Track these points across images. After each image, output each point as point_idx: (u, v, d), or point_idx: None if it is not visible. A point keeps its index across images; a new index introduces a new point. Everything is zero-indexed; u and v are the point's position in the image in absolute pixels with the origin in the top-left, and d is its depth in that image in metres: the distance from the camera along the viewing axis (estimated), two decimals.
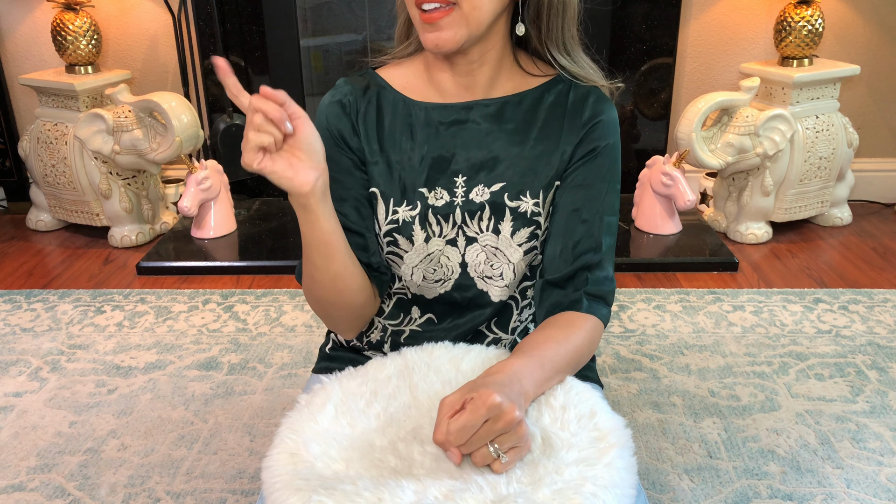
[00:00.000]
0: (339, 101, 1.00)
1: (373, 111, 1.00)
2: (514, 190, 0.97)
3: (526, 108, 0.99)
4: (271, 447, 0.82)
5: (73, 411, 1.72)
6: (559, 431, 0.82)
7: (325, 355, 1.15)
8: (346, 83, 1.02)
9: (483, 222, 0.98)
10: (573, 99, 0.98)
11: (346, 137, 0.99)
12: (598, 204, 0.97)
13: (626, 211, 2.68)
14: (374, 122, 1.00)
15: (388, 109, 1.00)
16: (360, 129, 0.99)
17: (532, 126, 0.98)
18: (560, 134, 0.98)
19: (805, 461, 1.52)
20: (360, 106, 1.00)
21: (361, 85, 1.01)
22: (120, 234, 2.60)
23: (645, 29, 2.65)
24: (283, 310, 2.16)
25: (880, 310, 2.10)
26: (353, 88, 1.01)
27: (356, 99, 1.00)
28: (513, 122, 0.98)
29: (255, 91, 0.80)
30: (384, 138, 1.00)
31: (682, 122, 2.40)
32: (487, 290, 1.01)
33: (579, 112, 0.97)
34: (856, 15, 2.70)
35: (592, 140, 0.97)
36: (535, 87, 0.99)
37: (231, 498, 1.45)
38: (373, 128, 0.99)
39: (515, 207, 0.97)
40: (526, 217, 0.97)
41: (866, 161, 2.89)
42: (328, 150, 0.97)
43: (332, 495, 0.73)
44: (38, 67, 2.83)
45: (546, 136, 0.98)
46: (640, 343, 1.96)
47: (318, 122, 1.00)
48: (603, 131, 0.97)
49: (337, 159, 0.98)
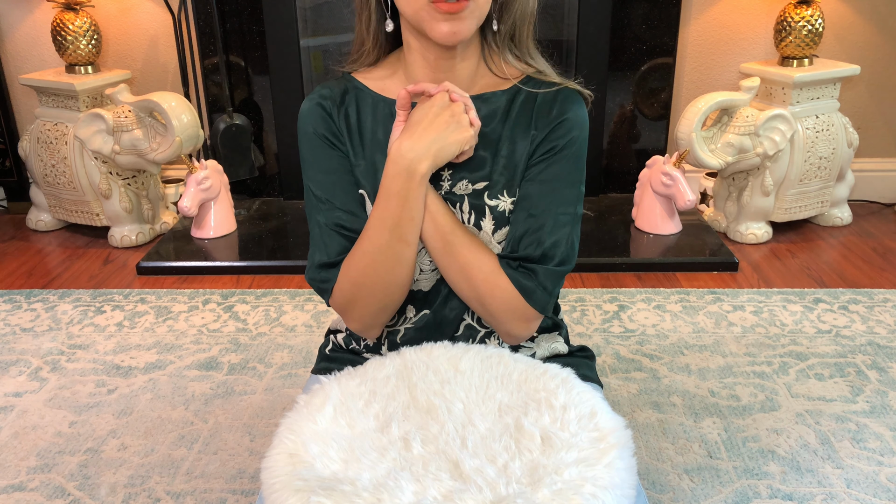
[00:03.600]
0: (318, 104, 1.00)
1: (353, 113, 1.01)
2: (493, 188, 0.98)
3: (500, 106, 1.00)
4: (270, 448, 0.82)
5: (73, 411, 1.72)
6: (559, 431, 0.82)
7: (325, 356, 1.15)
8: (324, 87, 1.02)
9: (464, 215, 0.99)
10: (542, 98, 0.99)
11: (332, 139, 1.00)
12: (550, 202, 0.97)
13: (626, 211, 2.69)
14: (356, 124, 1.00)
15: (368, 111, 1.01)
16: (343, 131, 1.00)
17: (506, 124, 0.99)
18: (530, 130, 0.99)
19: (805, 461, 1.52)
20: (340, 109, 1.00)
21: (339, 89, 1.02)
22: (120, 234, 2.60)
23: (645, 29, 2.65)
24: (283, 310, 2.16)
25: (880, 310, 2.10)
26: (330, 92, 1.01)
27: (334, 103, 1.01)
28: (489, 121, 0.99)
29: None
30: (366, 140, 1.00)
31: (682, 122, 2.39)
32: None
33: (548, 110, 0.98)
34: (856, 15, 2.70)
35: (555, 137, 0.97)
36: (507, 87, 1.00)
37: (231, 498, 1.45)
38: (354, 130, 1.00)
39: (495, 206, 0.98)
40: (504, 216, 0.98)
41: (866, 161, 2.89)
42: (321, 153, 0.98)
43: (331, 496, 0.73)
44: (38, 67, 2.83)
45: (518, 135, 0.99)
46: (640, 343, 1.96)
47: (303, 130, 1.01)
48: (567, 128, 0.97)
49: (331, 160, 0.99)
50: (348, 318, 1.02)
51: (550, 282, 0.97)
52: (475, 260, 0.95)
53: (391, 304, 1.00)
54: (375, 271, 0.96)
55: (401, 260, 0.96)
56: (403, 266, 0.96)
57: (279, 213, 2.75)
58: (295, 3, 2.62)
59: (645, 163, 2.54)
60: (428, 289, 1.03)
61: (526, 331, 1.00)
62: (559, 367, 0.95)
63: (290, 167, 2.83)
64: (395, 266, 0.96)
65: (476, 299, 0.98)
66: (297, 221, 2.69)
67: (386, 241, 0.94)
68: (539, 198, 0.97)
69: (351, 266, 0.98)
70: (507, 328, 0.99)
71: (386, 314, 1.01)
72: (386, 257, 0.95)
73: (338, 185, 0.99)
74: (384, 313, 1.01)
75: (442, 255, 0.96)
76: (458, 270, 0.96)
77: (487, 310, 0.98)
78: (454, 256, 0.96)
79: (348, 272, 0.98)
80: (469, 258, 0.95)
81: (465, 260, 0.95)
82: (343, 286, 0.98)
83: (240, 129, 2.72)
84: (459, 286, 0.98)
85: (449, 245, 0.95)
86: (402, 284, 0.98)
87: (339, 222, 0.99)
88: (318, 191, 1.00)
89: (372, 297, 0.98)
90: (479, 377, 0.92)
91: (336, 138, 1.00)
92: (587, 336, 1.99)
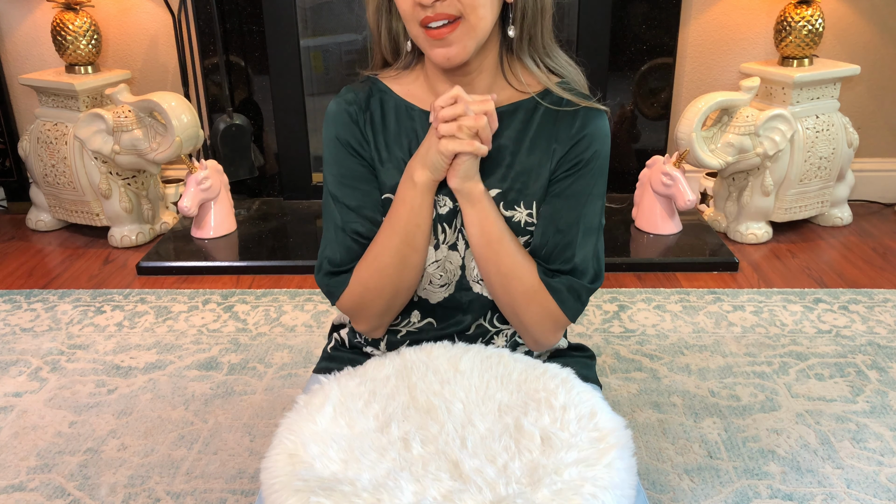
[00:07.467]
0: (344, 109, 1.00)
1: (378, 117, 1.01)
2: (509, 199, 0.98)
3: (520, 118, 0.99)
4: (270, 448, 0.82)
5: (73, 411, 1.72)
6: (559, 432, 0.82)
7: (327, 355, 1.15)
8: (350, 91, 1.03)
9: None
10: (563, 112, 0.99)
11: (356, 146, 1.00)
12: (579, 217, 0.97)
13: (626, 211, 2.68)
14: (381, 126, 1.01)
15: (392, 114, 1.01)
16: (368, 135, 1.00)
17: (525, 136, 0.99)
18: (551, 144, 0.98)
19: (805, 461, 1.52)
20: (365, 112, 1.01)
21: (364, 91, 1.02)
22: (120, 234, 2.60)
23: (645, 29, 2.65)
24: (283, 310, 2.16)
25: (880, 310, 2.10)
26: (356, 96, 1.01)
27: (361, 106, 1.01)
28: (509, 132, 0.99)
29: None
30: (390, 142, 1.01)
31: (682, 122, 2.39)
32: (482, 292, 1.03)
33: (569, 124, 0.98)
34: (856, 15, 2.70)
35: (579, 152, 0.97)
36: (527, 98, 1.00)
37: (231, 498, 1.45)
38: (380, 133, 1.01)
39: (510, 217, 0.98)
40: (520, 227, 0.99)
41: (866, 161, 2.89)
42: (343, 159, 0.99)
43: (331, 496, 0.73)
44: (38, 67, 2.83)
45: (538, 147, 0.99)
46: (640, 343, 1.96)
47: (328, 133, 1.01)
48: (589, 142, 0.97)
49: (351, 167, 1.00)
50: (356, 320, 1.03)
51: (585, 294, 0.99)
52: (517, 270, 0.96)
53: (396, 306, 1.02)
54: (385, 275, 0.97)
55: (409, 265, 0.97)
56: (411, 271, 0.98)
57: (279, 213, 2.75)
58: (295, 3, 2.62)
59: (645, 163, 2.54)
60: (435, 302, 1.04)
61: (555, 339, 1.02)
62: (559, 367, 0.96)
63: (290, 167, 2.83)
64: (404, 270, 0.97)
65: (511, 307, 0.99)
66: (297, 221, 2.69)
67: (395, 246, 0.96)
68: (567, 213, 0.97)
69: (361, 270, 0.99)
70: (538, 337, 1.01)
71: (391, 315, 1.03)
72: (395, 261, 0.96)
73: (357, 191, 1.00)
74: (389, 314, 1.02)
75: (486, 262, 0.97)
76: (498, 279, 0.97)
77: (520, 319, 0.99)
78: (497, 265, 0.96)
79: (359, 276, 0.99)
80: (511, 268, 0.96)
81: (508, 269, 0.96)
82: (353, 289, 1.00)
83: (240, 129, 2.72)
84: (497, 293, 0.99)
85: (494, 253, 0.96)
86: (409, 288, 1.00)
87: (355, 229, 1.00)
88: (337, 192, 1.00)
89: (380, 299, 0.99)
90: (479, 377, 0.92)
91: (360, 145, 1.00)
92: (587, 336, 1.99)
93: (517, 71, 0.99)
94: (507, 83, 1.00)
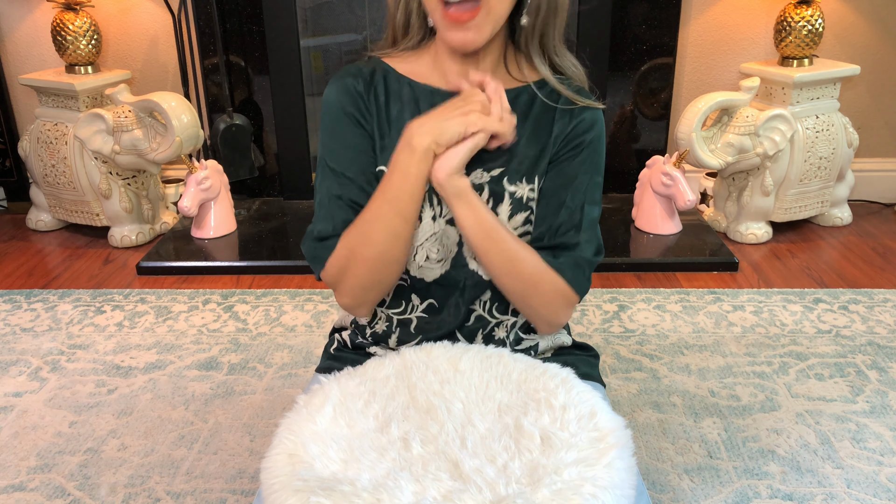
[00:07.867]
0: (344, 82, 1.02)
1: (381, 93, 1.02)
2: (512, 175, 1.00)
3: (523, 100, 1.02)
4: (270, 448, 0.82)
5: (73, 411, 1.72)
6: (559, 431, 0.82)
7: (329, 355, 1.16)
8: (352, 67, 1.04)
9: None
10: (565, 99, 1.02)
11: (359, 117, 1.01)
12: (580, 194, 1.00)
13: (626, 211, 2.68)
14: (384, 104, 1.02)
15: (395, 92, 1.03)
16: (372, 108, 1.02)
17: (528, 117, 1.02)
18: (552, 125, 1.01)
19: (805, 461, 1.52)
20: (368, 88, 1.02)
21: (368, 69, 1.04)
22: (120, 234, 2.60)
23: (645, 29, 2.65)
24: (283, 310, 2.16)
25: (880, 310, 2.10)
26: (358, 71, 1.03)
27: (366, 80, 1.02)
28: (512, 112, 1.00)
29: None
30: (392, 119, 1.02)
31: (682, 122, 2.39)
32: (478, 270, 1.03)
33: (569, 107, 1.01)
34: (856, 15, 2.70)
35: (578, 134, 1.00)
36: (525, 85, 1.03)
37: (231, 498, 1.45)
38: (382, 109, 1.02)
39: (513, 192, 1.00)
40: (522, 202, 1.00)
41: (866, 161, 2.89)
42: (346, 129, 1.00)
43: (331, 496, 0.73)
44: (38, 67, 2.83)
45: (539, 130, 1.01)
46: (640, 343, 1.96)
47: (329, 106, 1.02)
48: (590, 123, 1.01)
49: (355, 138, 1.01)
50: (339, 291, 1.02)
51: (589, 269, 1.01)
52: (520, 252, 0.98)
53: (383, 280, 1.00)
54: (371, 241, 0.97)
55: (397, 235, 0.97)
56: (399, 241, 0.97)
57: (279, 213, 2.75)
58: (295, 3, 2.62)
59: (645, 163, 2.54)
60: (431, 280, 1.04)
61: (566, 317, 1.04)
62: (559, 367, 0.96)
63: (290, 167, 2.83)
64: (391, 240, 0.97)
65: (520, 293, 1.00)
66: (297, 221, 2.69)
67: (385, 214, 0.96)
68: (568, 190, 1.00)
69: (350, 236, 0.99)
70: (550, 318, 1.02)
71: (376, 291, 1.02)
72: (383, 229, 0.96)
73: (356, 161, 1.00)
74: (375, 290, 1.01)
75: (488, 253, 0.98)
76: (504, 263, 0.98)
77: (530, 303, 1.00)
78: (500, 251, 0.97)
79: (346, 241, 0.99)
80: (515, 252, 0.98)
81: (513, 253, 0.97)
82: (339, 254, 0.99)
83: (240, 129, 2.72)
84: (502, 279, 1.00)
85: (494, 243, 0.97)
86: (397, 261, 0.99)
87: (353, 198, 1.00)
88: (334, 164, 1.01)
89: (364, 268, 0.98)
90: (479, 377, 0.92)
91: (363, 118, 1.01)
92: (587, 336, 1.99)
93: (520, 61, 1.02)
94: (507, 71, 1.03)
